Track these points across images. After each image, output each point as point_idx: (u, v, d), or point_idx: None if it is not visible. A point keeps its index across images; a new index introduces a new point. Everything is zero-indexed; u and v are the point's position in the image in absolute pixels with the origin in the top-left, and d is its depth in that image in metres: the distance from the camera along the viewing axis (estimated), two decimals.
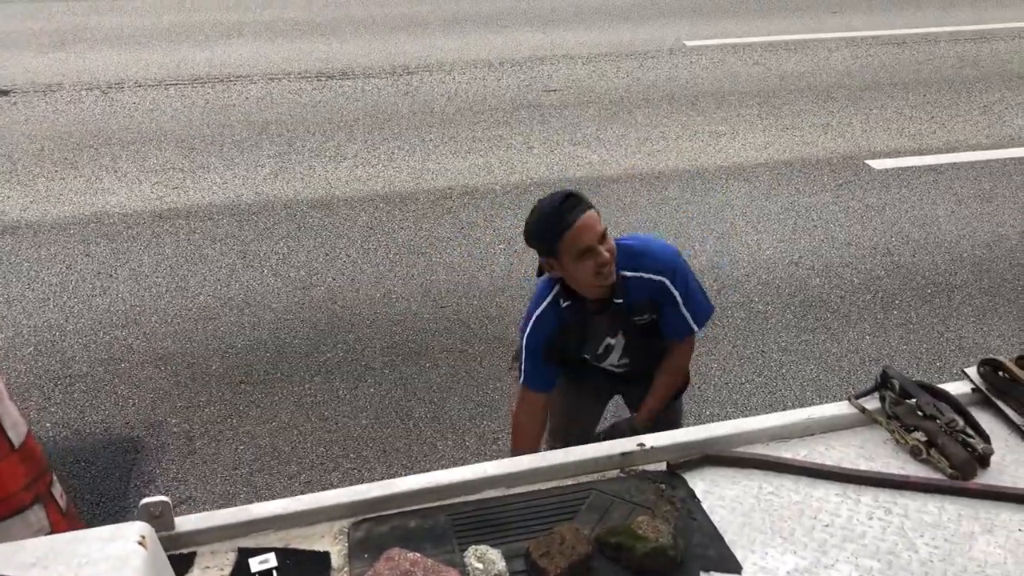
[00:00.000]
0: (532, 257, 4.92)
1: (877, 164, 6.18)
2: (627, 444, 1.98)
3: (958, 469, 1.88)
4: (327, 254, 5.08)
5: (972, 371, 2.19)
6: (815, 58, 8.52)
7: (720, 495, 1.87)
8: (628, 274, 2.40)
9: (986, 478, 1.90)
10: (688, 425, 2.11)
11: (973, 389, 2.15)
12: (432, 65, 8.38)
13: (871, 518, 1.80)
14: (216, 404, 3.90)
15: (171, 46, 9.03)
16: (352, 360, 4.17)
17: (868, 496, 1.85)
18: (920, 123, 6.91)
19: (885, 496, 1.85)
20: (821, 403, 2.15)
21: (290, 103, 7.44)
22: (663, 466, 1.95)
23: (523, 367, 2.56)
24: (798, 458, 1.96)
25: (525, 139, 6.67)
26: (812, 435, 2.05)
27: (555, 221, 2.24)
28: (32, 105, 7.39)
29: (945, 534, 1.75)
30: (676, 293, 2.45)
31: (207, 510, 1.93)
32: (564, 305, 2.44)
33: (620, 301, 2.41)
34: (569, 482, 1.92)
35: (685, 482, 1.90)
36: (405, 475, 1.89)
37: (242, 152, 6.47)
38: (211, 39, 9.26)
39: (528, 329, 2.48)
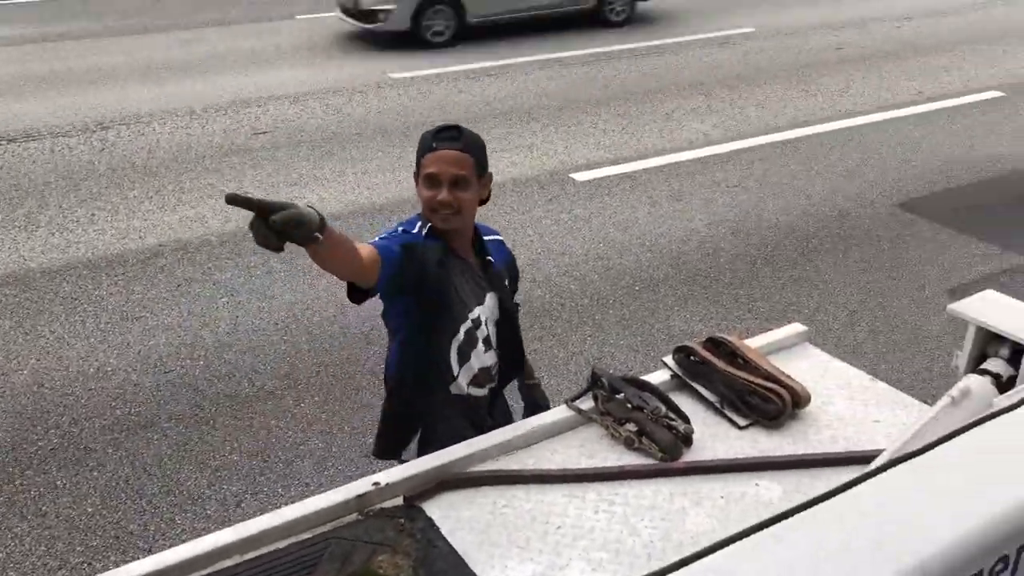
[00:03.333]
0: (269, 306, 4.76)
1: (580, 176, 6.62)
2: (361, 486, 1.96)
3: (666, 452, 2.04)
4: (27, 333, 4.61)
5: (669, 359, 2.39)
6: (514, 82, 8.98)
7: (457, 518, 1.91)
8: (488, 237, 2.44)
9: (691, 456, 2.08)
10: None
11: (672, 376, 2.36)
12: (128, 118, 7.90)
13: (597, 512, 1.91)
14: None
15: None
16: (69, 445, 3.81)
17: (592, 492, 1.97)
18: (613, 135, 7.49)
19: (607, 489, 1.98)
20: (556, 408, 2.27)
21: None
22: (400, 500, 1.96)
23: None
24: (527, 467, 2.04)
25: (238, 185, 6.46)
26: (538, 442, 2.14)
27: (426, 140, 2.23)
28: None
29: (661, 514, 1.90)
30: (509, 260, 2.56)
31: None
32: (421, 229, 2.27)
33: (490, 259, 2.39)
34: (306, 535, 1.87)
35: (423, 512, 1.92)
36: (143, 558, 1.76)
37: None
38: None
39: (396, 226, 2.27)
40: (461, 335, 2.36)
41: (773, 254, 5.44)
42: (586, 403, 2.23)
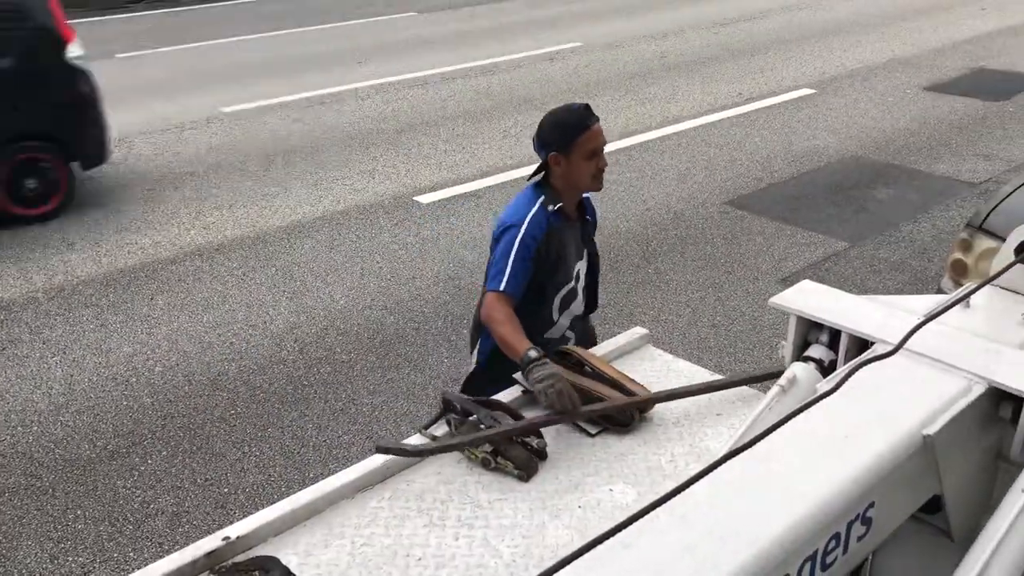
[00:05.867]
0: (106, 360, 4.49)
1: (424, 199, 6.61)
2: (210, 542, 1.87)
3: (522, 468, 2.06)
4: None
5: (519, 375, 2.41)
6: (350, 108, 8.90)
7: (316, 562, 1.85)
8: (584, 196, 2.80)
9: (547, 468, 2.10)
10: None
11: (523, 391, 2.38)
12: None
13: (458, 538, 1.89)
14: None
15: None
16: None
17: (452, 517, 1.95)
18: (454, 155, 7.53)
19: (466, 513, 1.97)
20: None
21: None
22: (255, 552, 1.89)
23: (506, 270, 2.56)
24: (384, 502, 2.01)
25: (63, 235, 6.10)
26: (393, 475, 2.11)
27: (578, 120, 2.60)
28: None
29: (522, 531, 1.90)
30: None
31: None
32: (552, 209, 2.64)
33: (588, 217, 2.83)
34: None
35: (278, 561, 1.85)
36: None
37: None
38: None
39: (524, 228, 2.58)
40: (564, 290, 2.78)
41: (616, 260, 5.60)
42: (440, 429, 2.21)
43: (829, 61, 10.36)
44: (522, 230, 2.59)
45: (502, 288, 2.57)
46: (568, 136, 2.60)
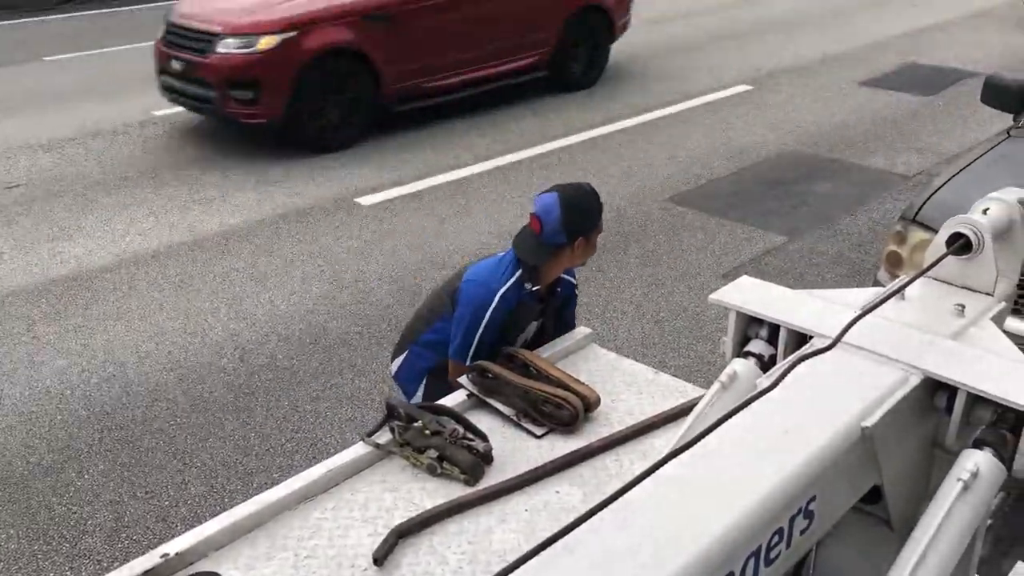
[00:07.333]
0: (39, 374, 4.34)
1: (365, 201, 6.54)
2: (148, 560, 1.82)
3: (468, 473, 2.04)
4: None
5: (464, 379, 2.40)
6: None
7: None
8: (566, 276, 2.88)
9: (494, 471, 2.09)
10: None
11: (468, 395, 2.36)
12: None
13: (403, 546, 1.87)
14: None
15: None
16: None
17: (396, 526, 1.93)
18: (395, 156, 7.46)
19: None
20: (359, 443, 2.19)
21: None
22: (195, 568, 1.84)
23: (473, 344, 2.64)
24: (327, 513, 1.97)
25: None
26: (337, 485, 2.08)
27: (600, 204, 2.74)
28: None
29: (468, 537, 1.89)
30: (575, 296, 3.01)
31: None
32: (529, 289, 2.70)
33: (559, 290, 2.86)
34: None
35: None
36: None
37: None
38: None
39: (493, 306, 2.63)
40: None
41: None
42: (384, 436, 2.19)
43: (766, 57, 10.50)
44: (491, 308, 2.64)
45: (468, 363, 2.63)
46: (596, 220, 2.72)
